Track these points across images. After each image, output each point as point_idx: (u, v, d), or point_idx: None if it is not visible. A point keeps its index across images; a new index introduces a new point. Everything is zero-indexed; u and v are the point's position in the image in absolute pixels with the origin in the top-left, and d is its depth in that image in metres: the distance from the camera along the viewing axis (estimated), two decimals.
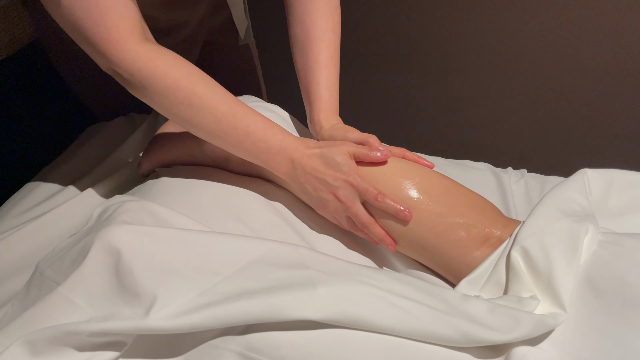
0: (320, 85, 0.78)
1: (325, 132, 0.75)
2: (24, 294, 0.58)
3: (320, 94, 0.78)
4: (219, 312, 0.49)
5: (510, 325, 0.52)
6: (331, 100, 0.78)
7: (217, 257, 0.55)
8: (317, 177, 0.66)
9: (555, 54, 1.30)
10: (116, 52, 0.63)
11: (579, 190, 0.66)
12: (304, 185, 0.67)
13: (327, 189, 0.66)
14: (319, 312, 0.49)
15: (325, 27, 0.79)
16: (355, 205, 0.66)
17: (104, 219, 0.60)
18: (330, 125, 0.76)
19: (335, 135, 0.73)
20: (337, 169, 0.65)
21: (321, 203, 0.67)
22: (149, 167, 0.82)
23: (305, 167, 0.66)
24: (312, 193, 0.67)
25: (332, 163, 0.65)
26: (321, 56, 0.78)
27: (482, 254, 0.63)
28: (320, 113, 0.77)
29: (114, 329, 0.49)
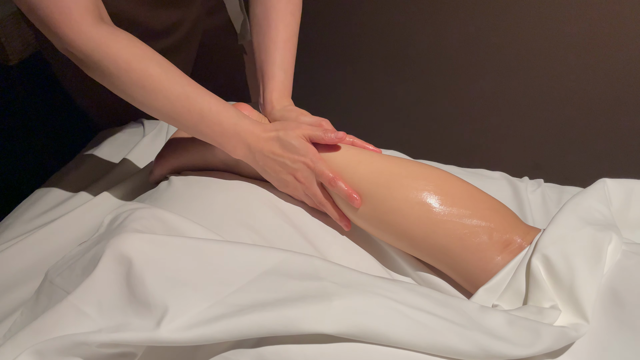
0: (276, 65, 0.79)
1: (277, 112, 0.77)
2: (33, 302, 0.57)
3: (274, 74, 0.79)
4: (232, 324, 0.48)
5: (531, 339, 0.51)
6: (285, 81, 0.80)
7: (229, 268, 0.54)
8: (275, 160, 0.69)
9: (570, 60, 1.29)
10: (70, 32, 0.63)
11: (600, 199, 0.65)
12: (264, 167, 0.70)
13: (287, 171, 0.69)
14: (334, 325, 0.48)
15: (284, 9, 0.81)
16: (313, 185, 0.69)
17: (115, 227, 0.59)
18: (282, 106, 0.77)
19: (288, 117, 0.75)
20: (295, 152, 0.68)
21: (282, 183, 0.70)
22: (160, 173, 0.82)
23: (263, 150, 0.68)
24: (272, 174, 0.70)
25: (289, 146, 0.68)
26: (279, 37, 0.80)
27: (503, 260, 0.62)
28: (273, 93, 0.79)
29: (124, 340, 0.48)
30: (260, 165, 0.70)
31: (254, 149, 0.69)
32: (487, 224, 0.63)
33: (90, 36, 0.64)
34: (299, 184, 0.69)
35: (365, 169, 0.69)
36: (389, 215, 0.66)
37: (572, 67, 1.30)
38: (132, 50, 0.66)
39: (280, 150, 0.68)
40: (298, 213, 0.72)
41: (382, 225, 0.67)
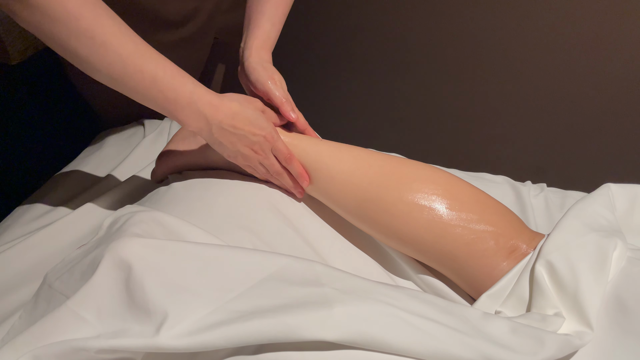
0: (265, 16, 0.77)
1: (252, 63, 0.74)
2: (32, 306, 0.56)
3: (261, 24, 0.77)
4: (232, 331, 0.47)
5: (534, 347, 0.50)
6: (270, 33, 0.77)
7: (230, 273, 0.53)
8: (234, 133, 0.67)
9: (573, 63, 1.28)
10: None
11: (605, 204, 0.64)
12: (220, 139, 0.67)
13: (243, 143, 0.67)
14: (335, 332, 0.47)
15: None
16: (270, 157, 0.70)
17: (115, 231, 0.59)
18: (260, 58, 0.75)
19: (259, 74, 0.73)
20: (255, 126, 0.67)
21: (237, 155, 0.69)
22: (163, 172, 0.82)
23: (222, 123, 0.65)
24: (228, 147, 0.68)
25: (251, 119, 0.67)
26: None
27: (508, 266, 0.61)
28: (255, 40, 0.76)
29: (123, 347, 0.47)
30: (216, 138, 0.67)
31: (212, 120, 0.65)
32: (494, 230, 0.62)
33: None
34: (256, 155, 0.69)
35: (374, 172, 0.68)
36: (398, 220, 0.65)
37: (575, 71, 1.29)
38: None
39: (241, 123, 0.66)
40: (299, 216, 0.72)
41: (389, 230, 0.67)
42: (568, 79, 1.31)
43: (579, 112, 1.34)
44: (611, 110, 1.30)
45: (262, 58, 0.75)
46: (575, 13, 1.22)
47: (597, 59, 1.25)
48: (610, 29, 1.21)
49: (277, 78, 0.74)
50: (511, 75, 1.37)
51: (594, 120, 1.34)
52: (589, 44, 1.24)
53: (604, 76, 1.27)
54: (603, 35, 1.22)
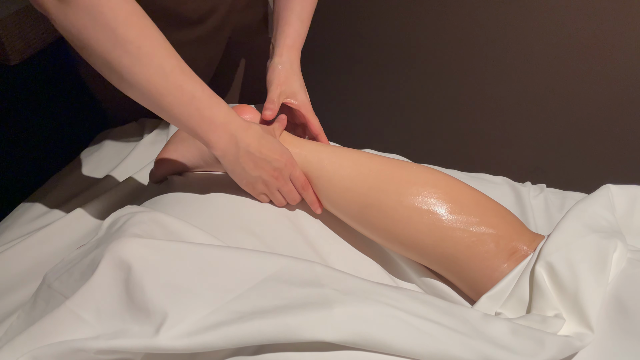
0: (295, 13, 0.80)
1: (283, 63, 0.78)
2: (30, 306, 0.56)
3: (292, 21, 0.80)
4: (232, 331, 0.47)
5: (534, 348, 0.50)
6: (300, 31, 0.80)
7: (230, 274, 0.53)
8: (260, 158, 0.66)
9: (573, 64, 1.28)
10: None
11: (605, 206, 0.64)
12: (242, 163, 0.66)
13: (267, 169, 0.67)
14: (335, 333, 0.47)
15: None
16: (289, 183, 0.70)
17: (114, 231, 0.59)
18: (290, 59, 0.79)
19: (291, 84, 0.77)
20: (277, 151, 0.68)
21: (258, 180, 0.68)
22: (162, 174, 0.81)
23: (250, 146, 0.65)
24: (249, 172, 0.67)
25: (273, 144, 0.68)
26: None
27: (509, 268, 0.61)
28: (287, 39, 0.79)
29: (122, 347, 0.47)
30: (240, 162, 0.66)
31: (241, 143, 0.65)
32: (494, 232, 0.62)
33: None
34: (275, 182, 0.68)
35: (374, 177, 0.68)
36: (399, 225, 0.65)
37: (575, 72, 1.29)
38: (133, 5, 0.57)
39: (266, 149, 0.67)
40: (300, 217, 0.72)
41: (390, 235, 0.67)
42: (568, 79, 1.31)
43: (578, 112, 1.34)
44: (611, 111, 1.31)
45: (291, 58, 0.78)
46: (575, 14, 1.22)
47: (597, 60, 1.25)
48: (609, 30, 1.21)
49: (300, 86, 0.78)
50: (511, 76, 1.37)
51: (594, 121, 1.34)
52: (588, 45, 1.24)
53: (604, 77, 1.27)
54: (603, 36, 1.22)
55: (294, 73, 0.79)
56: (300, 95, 0.79)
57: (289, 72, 0.78)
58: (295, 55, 0.80)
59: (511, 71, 1.36)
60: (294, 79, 0.79)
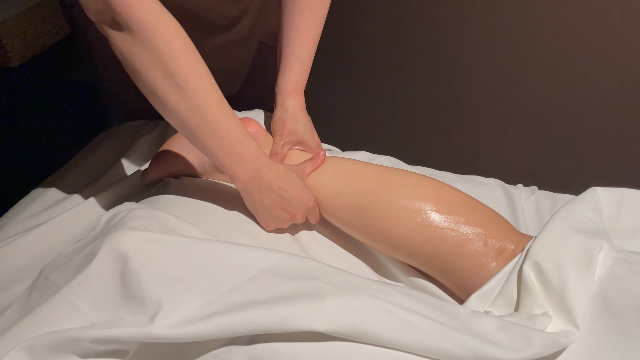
0: (295, 56, 0.80)
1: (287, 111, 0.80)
2: (25, 298, 0.57)
3: (291, 65, 0.81)
4: (225, 321, 0.48)
5: (521, 344, 0.51)
6: (301, 74, 0.81)
7: (224, 267, 0.54)
8: (281, 196, 0.67)
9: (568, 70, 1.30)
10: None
11: (591, 207, 0.65)
12: (263, 199, 0.67)
13: (285, 207, 0.68)
14: (326, 323, 0.48)
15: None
16: (303, 219, 0.72)
17: (112, 225, 0.60)
18: (293, 106, 0.80)
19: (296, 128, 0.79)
20: (299, 192, 0.69)
21: (273, 218, 0.69)
22: (156, 177, 0.82)
23: (271, 183, 0.67)
24: (268, 208, 0.68)
25: (295, 183, 0.69)
26: (302, 24, 0.80)
27: (497, 267, 0.62)
28: (287, 85, 0.81)
29: (117, 336, 0.48)
30: (260, 198, 0.68)
31: (264, 179, 0.66)
32: (482, 231, 0.64)
33: (152, 9, 0.57)
34: (291, 219, 0.70)
35: (365, 181, 0.70)
36: (389, 225, 0.67)
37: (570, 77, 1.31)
38: (185, 40, 0.60)
39: (287, 187, 0.68)
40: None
41: (381, 236, 0.68)
42: (563, 84, 1.32)
43: (572, 118, 1.35)
44: (606, 117, 1.32)
45: (294, 104, 0.80)
46: (570, 20, 1.24)
47: (593, 65, 1.27)
48: (605, 36, 1.22)
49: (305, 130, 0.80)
50: (505, 81, 1.38)
51: (588, 126, 1.35)
52: (584, 50, 1.26)
53: (600, 82, 1.28)
54: (598, 42, 1.24)
55: (297, 120, 0.80)
56: (306, 140, 0.81)
57: (292, 122, 0.80)
58: (297, 100, 0.81)
59: (507, 76, 1.37)
60: (297, 127, 0.80)
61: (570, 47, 1.27)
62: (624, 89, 1.26)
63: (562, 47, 1.28)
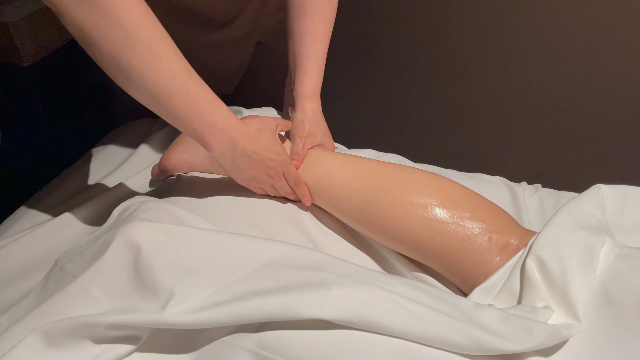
0: (310, 60, 0.81)
1: (306, 115, 0.81)
2: (41, 287, 0.59)
3: (308, 69, 0.82)
4: (234, 309, 0.49)
5: (523, 335, 0.52)
6: (318, 78, 0.83)
7: (234, 258, 0.56)
8: (255, 159, 0.69)
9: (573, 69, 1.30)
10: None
11: (595, 204, 0.66)
12: (239, 165, 0.69)
13: (261, 169, 0.70)
14: (332, 312, 0.49)
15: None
16: (282, 179, 0.73)
17: (125, 217, 0.61)
18: (312, 109, 0.81)
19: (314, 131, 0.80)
20: (272, 151, 0.70)
21: (253, 179, 0.71)
22: (166, 172, 0.84)
23: (246, 149, 0.67)
24: (245, 172, 0.70)
25: (269, 145, 0.70)
26: (314, 29, 0.81)
27: (501, 262, 0.63)
28: (306, 89, 0.81)
29: (130, 322, 0.49)
30: (237, 164, 0.68)
31: (238, 146, 0.66)
32: (487, 226, 0.65)
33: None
34: (269, 179, 0.72)
35: (372, 176, 0.71)
36: (396, 220, 0.68)
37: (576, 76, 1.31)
38: (145, 7, 0.57)
39: (261, 149, 0.69)
40: (302, 217, 0.75)
41: (387, 231, 0.69)
42: (568, 84, 1.33)
43: (578, 118, 1.36)
44: (612, 117, 1.32)
45: (313, 108, 0.81)
46: (576, 19, 1.24)
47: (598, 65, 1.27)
48: (609, 36, 1.23)
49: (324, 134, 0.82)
50: (510, 81, 1.38)
51: (594, 127, 1.35)
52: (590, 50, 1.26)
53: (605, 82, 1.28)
54: (605, 42, 1.24)
55: (317, 124, 0.82)
56: (324, 142, 0.83)
57: (312, 125, 0.81)
58: (316, 103, 0.83)
59: (512, 75, 1.38)
60: (316, 130, 0.81)
61: (576, 47, 1.27)
62: (629, 89, 1.27)
63: (568, 46, 1.28)
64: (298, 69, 0.82)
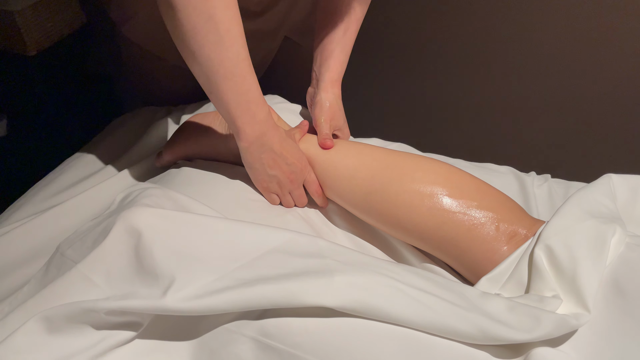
0: (339, 46, 0.83)
1: (329, 98, 0.82)
2: (42, 273, 0.58)
3: (336, 55, 0.83)
4: (236, 296, 0.49)
5: (531, 325, 0.51)
6: (344, 65, 0.84)
7: (236, 245, 0.55)
8: (281, 156, 0.70)
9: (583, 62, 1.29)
10: None
11: (606, 193, 0.65)
12: (263, 159, 0.70)
13: (284, 170, 0.70)
14: (335, 299, 0.49)
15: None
16: (300, 187, 0.73)
17: (127, 203, 0.61)
18: (334, 94, 0.82)
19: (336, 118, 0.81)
20: (295, 156, 0.71)
21: (273, 179, 0.71)
22: (170, 159, 0.83)
23: (274, 145, 0.69)
24: (267, 169, 0.70)
25: (293, 149, 0.71)
26: (347, 18, 0.82)
27: (509, 251, 0.62)
28: (330, 73, 0.82)
29: (131, 307, 0.49)
30: (263, 157, 0.70)
31: (268, 140, 0.69)
32: (494, 215, 0.64)
33: None
34: (289, 184, 0.72)
35: (377, 165, 0.70)
36: (402, 209, 0.67)
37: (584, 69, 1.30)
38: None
39: (286, 151, 0.70)
40: (307, 209, 0.74)
41: (393, 220, 0.68)
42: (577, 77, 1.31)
43: (588, 111, 1.34)
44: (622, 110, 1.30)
45: (336, 93, 0.82)
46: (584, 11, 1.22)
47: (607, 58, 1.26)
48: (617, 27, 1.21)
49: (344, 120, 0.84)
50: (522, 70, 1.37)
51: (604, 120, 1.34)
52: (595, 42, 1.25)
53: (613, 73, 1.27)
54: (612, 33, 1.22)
55: (339, 108, 0.83)
56: (343, 127, 0.85)
57: (336, 108, 0.82)
58: (339, 89, 0.84)
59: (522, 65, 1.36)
60: (339, 114, 0.83)
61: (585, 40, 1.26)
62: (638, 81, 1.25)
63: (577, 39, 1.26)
64: (325, 52, 0.83)
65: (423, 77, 1.51)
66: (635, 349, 0.51)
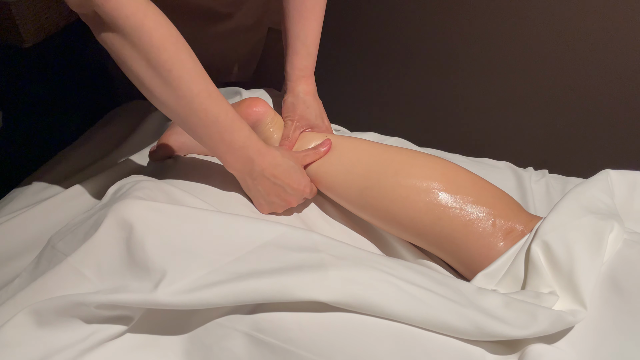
0: (299, 40, 0.80)
1: (297, 97, 0.79)
2: (33, 266, 0.58)
3: (297, 49, 0.80)
4: (228, 290, 0.48)
5: (527, 321, 0.51)
6: (308, 58, 0.80)
7: (229, 238, 0.55)
8: (275, 183, 0.67)
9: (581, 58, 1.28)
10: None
11: (603, 189, 0.65)
12: (257, 186, 0.67)
13: (278, 194, 0.68)
14: (329, 294, 0.48)
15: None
16: (298, 203, 0.71)
17: (119, 196, 0.60)
18: (302, 91, 0.80)
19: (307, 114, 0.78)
20: (294, 179, 0.68)
21: (268, 204, 0.69)
22: (164, 154, 0.82)
23: (265, 171, 0.66)
24: (263, 194, 0.68)
25: (291, 172, 0.68)
26: (303, 7, 0.79)
27: (505, 247, 0.62)
28: (295, 70, 0.80)
29: (121, 301, 0.48)
30: (253, 184, 0.68)
31: (257, 166, 0.66)
32: (491, 211, 0.63)
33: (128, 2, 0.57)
34: (285, 205, 0.70)
35: (373, 161, 0.69)
36: (397, 204, 0.66)
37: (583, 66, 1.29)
38: (169, 29, 0.60)
39: (282, 175, 0.67)
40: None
41: (389, 215, 0.68)
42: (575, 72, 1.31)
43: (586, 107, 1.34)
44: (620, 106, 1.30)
45: (304, 89, 0.80)
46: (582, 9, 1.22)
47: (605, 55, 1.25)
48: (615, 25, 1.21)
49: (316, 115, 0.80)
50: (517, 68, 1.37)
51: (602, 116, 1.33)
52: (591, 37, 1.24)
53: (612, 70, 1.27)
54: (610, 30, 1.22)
55: (308, 106, 0.80)
56: (317, 124, 0.81)
57: (302, 107, 0.79)
58: (307, 84, 0.81)
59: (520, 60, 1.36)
60: (307, 112, 0.80)
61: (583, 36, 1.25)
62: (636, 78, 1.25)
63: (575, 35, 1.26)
64: (288, 48, 0.81)
65: (421, 72, 1.51)
66: (631, 345, 0.51)
